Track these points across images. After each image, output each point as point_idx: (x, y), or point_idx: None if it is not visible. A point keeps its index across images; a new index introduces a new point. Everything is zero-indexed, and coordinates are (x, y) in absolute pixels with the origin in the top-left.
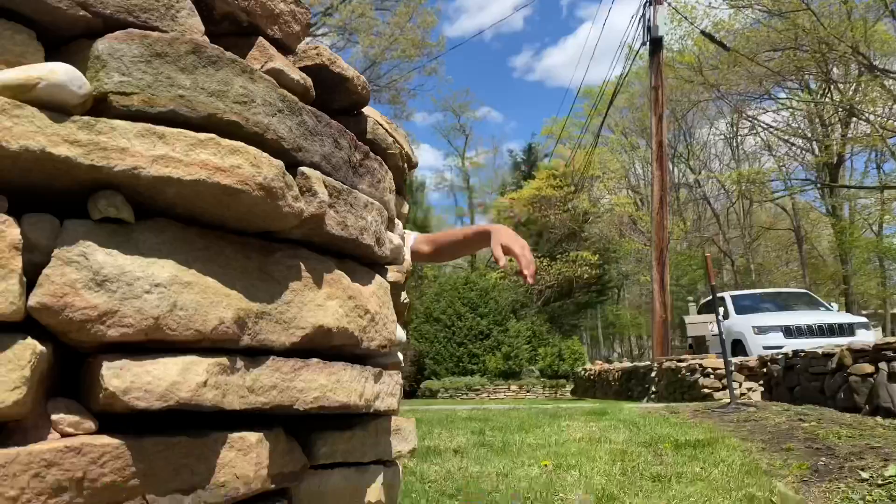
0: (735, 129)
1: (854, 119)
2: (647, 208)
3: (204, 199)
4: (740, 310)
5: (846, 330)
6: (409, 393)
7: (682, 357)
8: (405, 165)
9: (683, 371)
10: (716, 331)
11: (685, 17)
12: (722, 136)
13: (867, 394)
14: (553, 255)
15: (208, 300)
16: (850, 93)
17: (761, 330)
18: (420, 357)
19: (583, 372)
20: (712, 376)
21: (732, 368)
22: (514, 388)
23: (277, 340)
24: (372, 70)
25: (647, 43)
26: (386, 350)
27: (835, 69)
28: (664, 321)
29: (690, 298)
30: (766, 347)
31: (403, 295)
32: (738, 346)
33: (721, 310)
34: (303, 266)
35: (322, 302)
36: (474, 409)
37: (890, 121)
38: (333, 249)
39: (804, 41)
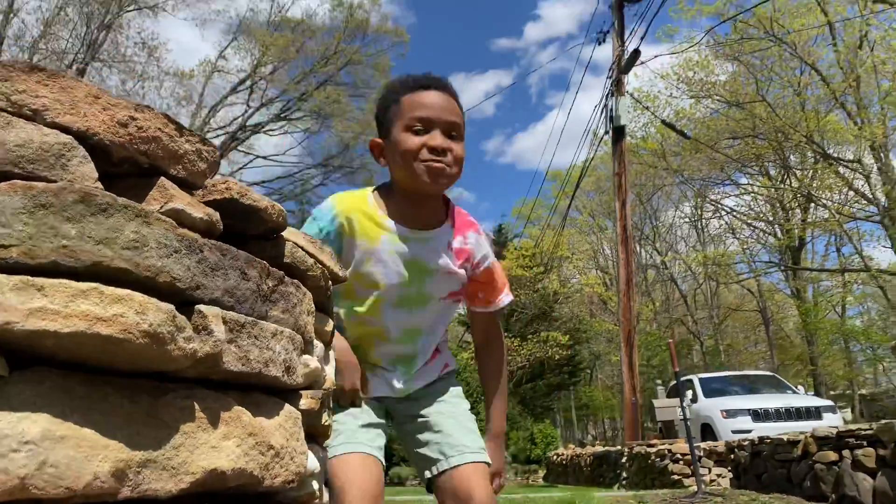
0: (699, 212)
1: (812, 204)
2: (616, 289)
3: (86, 348)
4: (709, 393)
5: (813, 413)
6: None
7: (652, 442)
8: (328, 283)
9: (653, 456)
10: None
11: (646, 108)
12: (687, 219)
13: (833, 482)
14: (524, 336)
15: (83, 454)
16: (808, 179)
17: (730, 413)
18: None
19: (555, 457)
20: (682, 462)
21: (700, 454)
22: None
23: (163, 489)
24: (346, 153)
25: (610, 132)
26: (294, 485)
27: (792, 157)
28: (634, 404)
29: (660, 382)
30: (734, 431)
31: (324, 416)
32: (708, 430)
33: (689, 393)
34: (197, 406)
35: (217, 443)
36: None
37: (846, 206)
38: (236, 383)
39: (762, 130)
